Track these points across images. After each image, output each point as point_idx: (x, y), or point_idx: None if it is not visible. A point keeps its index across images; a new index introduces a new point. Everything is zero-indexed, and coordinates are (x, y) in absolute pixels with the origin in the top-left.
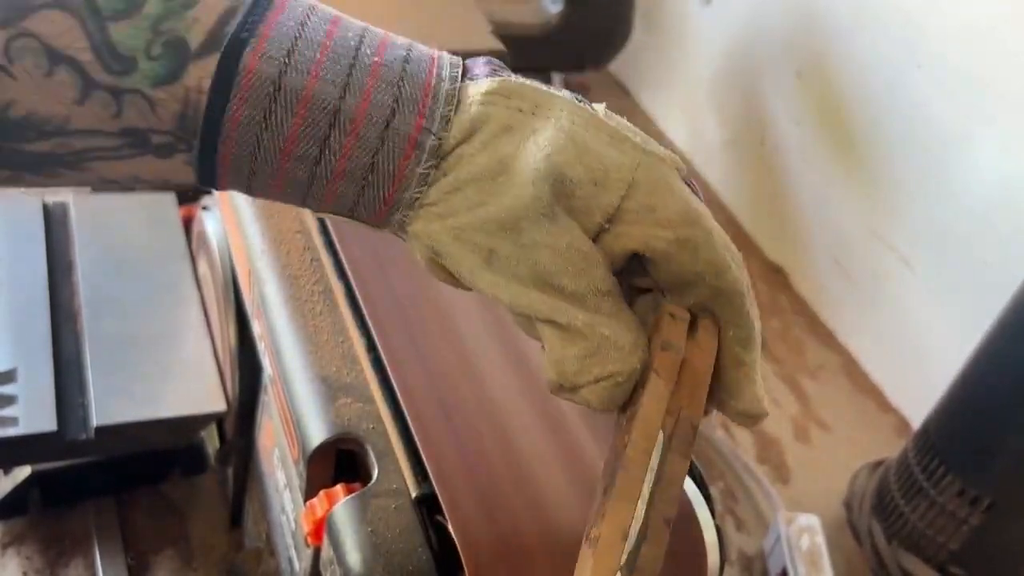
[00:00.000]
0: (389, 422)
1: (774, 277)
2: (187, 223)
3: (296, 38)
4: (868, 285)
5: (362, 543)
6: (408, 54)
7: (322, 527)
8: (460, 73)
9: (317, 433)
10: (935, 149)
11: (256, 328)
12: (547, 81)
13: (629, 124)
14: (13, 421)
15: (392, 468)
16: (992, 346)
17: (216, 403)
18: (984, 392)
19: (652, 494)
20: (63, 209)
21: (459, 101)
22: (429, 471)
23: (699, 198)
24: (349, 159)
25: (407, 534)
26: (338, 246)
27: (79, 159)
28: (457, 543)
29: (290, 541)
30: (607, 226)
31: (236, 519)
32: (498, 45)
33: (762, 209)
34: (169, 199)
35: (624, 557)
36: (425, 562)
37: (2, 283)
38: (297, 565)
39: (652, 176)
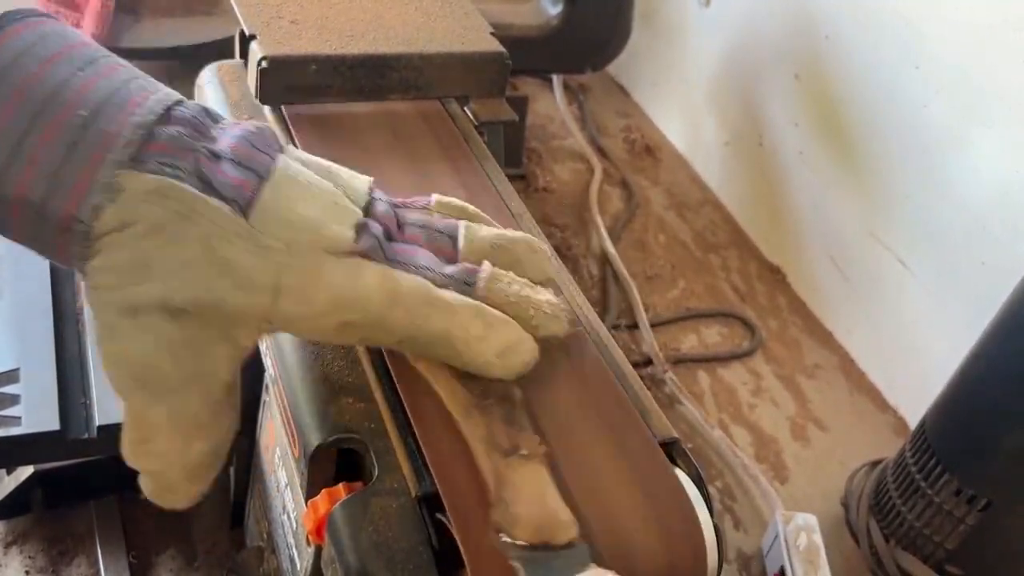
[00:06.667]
0: (390, 421)
1: (771, 277)
2: None
3: None
4: (865, 285)
5: (363, 542)
6: (82, 135)
7: (323, 526)
8: (129, 156)
9: (318, 432)
10: (933, 150)
11: None
12: (547, 83)
13: (289, 216)
14: (16, 420)
15: (393, 467)
16: (989, 346)
17: None
18: (981, 392)
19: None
20: None
21: (120, 191)
22: (431, 469)
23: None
24: (22, 234)
25: (408, 533)
26: None
27: None
28: (459, 541)
29: (291, 540)
30: (269, 325)
31: (237, 518)
32: (497, 47)
33: (760, 209)
34: None
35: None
36: (426, 560)
37: (5, 283)
38: (298, 564)
39: (297, 279)
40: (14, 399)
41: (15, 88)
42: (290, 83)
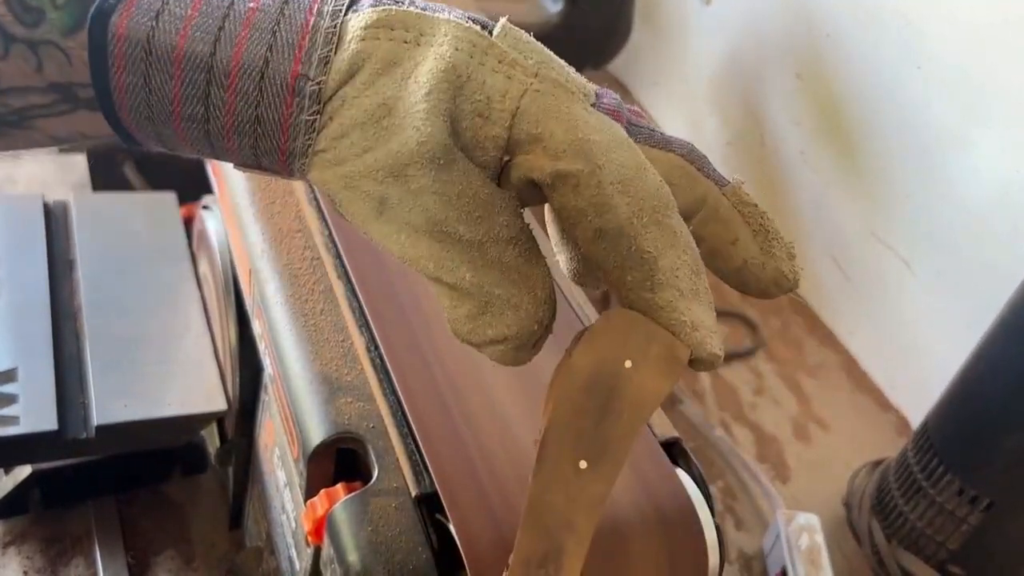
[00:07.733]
0: (389, 421)
1: None
2: (188, 222)
3: None
4: (867, 284)
5: (362, 542)
6: None
7: (322, 526)
8: (345, 5)
9: (317, 432)
10: (934, 150)
11: (256, 327)
12: None
13: (533, 45)
14: (13, 420)
15: (392, 467)
16: (991, 346)
17: (216, 402)
18: (983, 392)
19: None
20: (63, 208)
21: (340, 38)
22: (430, 470)
23: (623, 125)
24: (234, 114)
25: (407, 533)
26: (339, 245)
27: (21, 118)
28: (458, 542)
29: (290, 540)
30: (506, 158)
31: (236, 519)
32: None
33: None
34: (170, 198)
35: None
36: (425, 561)
37: (2, 282)
38: (297, 564)
39: (541, 103)
40: (11, 398)
41: None
42: None
